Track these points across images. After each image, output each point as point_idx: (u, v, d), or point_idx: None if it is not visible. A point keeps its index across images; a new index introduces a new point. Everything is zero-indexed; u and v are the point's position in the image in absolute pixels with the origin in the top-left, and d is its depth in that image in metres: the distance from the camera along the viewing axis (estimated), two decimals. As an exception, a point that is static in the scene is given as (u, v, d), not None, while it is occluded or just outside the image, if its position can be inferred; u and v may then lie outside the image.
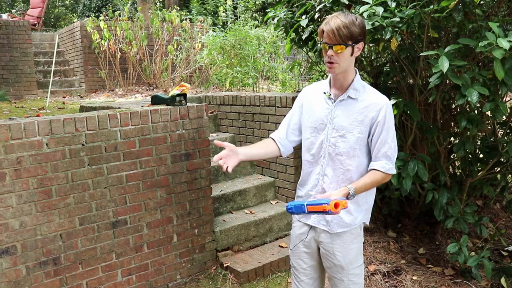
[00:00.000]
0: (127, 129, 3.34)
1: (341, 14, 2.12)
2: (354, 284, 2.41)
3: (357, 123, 2.21)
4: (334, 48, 2.10)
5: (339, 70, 2.18)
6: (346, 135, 2.23)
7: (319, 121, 2.30)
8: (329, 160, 2.28)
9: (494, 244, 4.18)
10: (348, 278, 2.39)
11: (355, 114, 2.22)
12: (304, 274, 2.51)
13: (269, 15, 4.29)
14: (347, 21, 2.07)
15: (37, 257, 3.03)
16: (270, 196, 4.72)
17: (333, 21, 2.09)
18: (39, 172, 2.98)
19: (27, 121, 2.93)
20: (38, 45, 9.75)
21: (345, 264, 2.36)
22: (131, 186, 3.40)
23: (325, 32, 2.12)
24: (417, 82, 3.65)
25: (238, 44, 7.40)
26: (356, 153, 2.24)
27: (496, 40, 2.63)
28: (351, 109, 2.23)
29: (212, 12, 14.97)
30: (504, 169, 3.95)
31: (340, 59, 2.13)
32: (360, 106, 2.22)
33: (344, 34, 2.07)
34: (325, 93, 2.30)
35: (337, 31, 2.07)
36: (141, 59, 8.88)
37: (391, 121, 2.23)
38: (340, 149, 2.24)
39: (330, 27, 2.09)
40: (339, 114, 2.25)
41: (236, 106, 5.09)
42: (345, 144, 2.23)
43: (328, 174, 2.30)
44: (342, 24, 2.07)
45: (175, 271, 3.72)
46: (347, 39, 2.08)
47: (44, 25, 16.29)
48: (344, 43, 2.08)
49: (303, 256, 2.48)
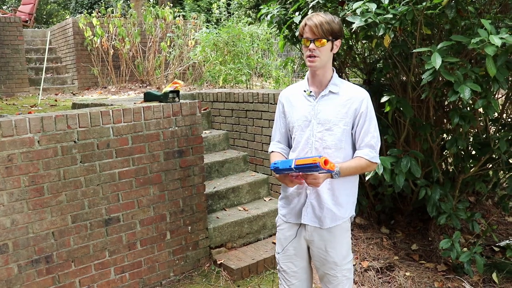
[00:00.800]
0: (119, 126, 3.32)
1: (321, 13, 2.25)
2: (347, 279, 2.43)
3: (341, 115, 2.28)
4: (316, 42, 2.20)
5: (320, 65, 2.25)
6: (333, 128, 2.28)
7: (303, 119, 2.35)
8: (316, 155, 2.29)
9: (486, 240, 4.20)
10: (342, 274, 2.40)
11: (339, 107, 2.29)
12: (294, 277, 2.50)
13: (263, 12, 4.28)
14: (328, 18, 2.20)
15: (29, 255, 3.01)
16: (264, 193, 4.72)
17: (315, 17, 2.21)
18: (30, 170, 2.96)
19: (18, 118, 2.90)
20: (30, 42, 9.67)
21: (339, 260, 2.37)
22: (123, 184, 3.38)
23: (307, 27, 2.21)
24: (410, 78, 3.66)
25: (231, 41, 7.38)
26: (343, 145, 2.30)
27: (488, 37, 2.63)
28: (334, 102, 2.30)
29: (206, 9, 14.93)
30: (496, 165, 3.97)
31: (321, 53, 2.22)
32: (343, 99, 2.29)
33: (326, 28, 2.18)
34: (305, 91, 2.37)
35: (320, 26, 2.17)
36: (134, 56, 8.83)
37: (373, 111, 2.32)
38: (328, 143, 2.29)
39: (313, 22, 2.19)
40: (323, 109, 2.31)
41: (229, 103, 5.08)
42: (332, 137, 2.29)
43: None
44: (324, 20, 2.18)
45: (169, 269, 3.72)
46: (329, 33, 2.19)
47: (36, 21, 16.17)
48: (325, 37, 2.19)
49: (293, 259, 2.47)
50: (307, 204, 2.36)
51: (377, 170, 3.35)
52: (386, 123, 3.87)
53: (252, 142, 4.85)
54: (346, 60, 4.45)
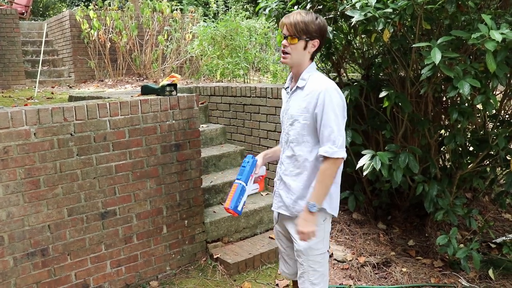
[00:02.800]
0: (116, 119, 3.30)
1: (303, 12, 2.29)
2: (314, 271, 2.46)
3: (301, 110, 2.32)
4: (288, 39, 2.27)
5: (291, 62, 2.33)
6: (294, 123, 2.36)
7: (282, 113, 2.50)
8: (285, 148, 2.44)
9: (483, 236, 4.21)
10: (308, 264, 2.45)
11: (300, 102, 2.33)
12: (285, 254, 2.68)
13: (261, 6, 4.26)
14: (307, 18, 2.24)
15: (24, 248, 2.99)
16: (261, 188, 4.70)
17: (294, 15, 2.27)
18: (26, 162, 2.93)
19: (14, 110, 2.88)
20: (26, 34, 9.60)
21: (304, 249, 2.43)
22: (120, 177, 3.36)
23: (282, 24, 2.30)
24: (409, 74, 3.65)
25: (229, 35, 7.35)
26: (305, 139, 2.33)
27: (489, 32, 2.62)
28: (298, 98, 2.36)
29: (203, 3, 14.87)
30: (494, 162, 3.97)
31: (293, 51, 2.29)
32: (304, 94, 2.33)
33: (300, 28, 2.23)
34: (285, 88, 2.51)
35: (294, 24, 2.24)
36: (131, 49, 8.78)
37: (331, 105, 2.22)
38: (291, 137, 2.39)
39: (289, 20, 2.26)
40: (292, 105, 2.39)
41: (227, 97, 5.05)
42: (294, 131, 2.36)
43: (284, 162, 2.46)
44: (300, 19, 2.24)
45: (165, 263, 3.70)
46: (302, 33, 2.24)
47: (32, 14, 16.07)
48: (298, 35, 2.24)
49: (280, 237, 2.66)
50: (276, 193, 2.53)
51: (375, 166, 3.34)
52: (384, 118, 3.87)
53: (250, 136, 4.84)
54: (345, 55, 4.43)
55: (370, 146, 4.20)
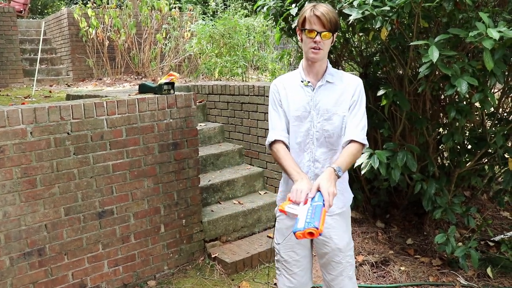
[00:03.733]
0: (113, 118, 3.29)
1: (323, 4, 2.19)
2: (351, 265, 2.46)
3: (340, 103, 2.28)
4: (322, 35, 2.14)
5: (322, 57, 2.24)
6: (332, 117, 2.28)
7: (302, 109, 2.31)
8: (318, 146, 2.32)
9: (481, 234, 4.20)
10: (346, 260, 2.43)
11: (337, 96, 2.29)
12: (296, 266, 2.47)
13: (259, 4, 4.24)
14: (332, 10, 2.16)
15: (21, 248, 2.98)
16: (259, 187, 4.70)
17: (322, 8, 2.14)
18: (23, 161, 2.92)
19: (10, 109, 2.86)
20: (24, 33, 9.58)
21: (343, 246, 2.39)
22: (117, 176, 3.35)
23: (314, 18, 2.14)
24: (407, 72, 3.63)
25: (227, 33, 7.34)
26: (343, 132, 2.30)
27: (486, 30, 2.61)
28: (331, 92, 2.30)
29: (202, 1, 14.83)
30: (492, 160, 3.96)
31: (325, 46, 2.20)
32: (340, 88, 2.30)
33: (333, 21, 2.14)
34: (303, 81, 2.33)
35: (329, 18, 2.13)
36: (130, 47, 8.76)
37: (364, 98, 2.33)
38: (330, 132, 2.29)
39: (321, 13, 2.12)
40: (322, 99, 2.29)
41: (225, 96, 5.04)
42: (332, 125, 2.28)
43: (319, 159, 2.32)
44: (330, 11, 2.14)
45: (163, 262, 3.70)
46: (335, 26, 2.16)
47: (30, 12, 16.03)
48: (332, 30, 2.16)
49: (295, 248, 2.44)
50: None
51: (373, 164, 3.33)
52: (382, 116, 3.85)
53: (248, 135, 4.83)
54: (343, 53, 4.42)
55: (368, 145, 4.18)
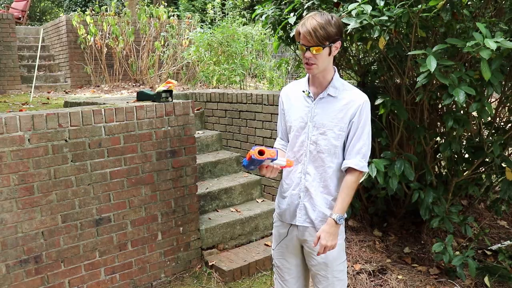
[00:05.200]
0: (111, 125, 3.29)
1: (316, 14, 2.11)
2: (338, 280, 2.41)
3: (337, 120, 2.22)
4: (311, 49, 2.10)
5: (318, 71, 2.18)
6: (327, 133, 2.23)
7: (300, 120, 2.30)
8: (311, 159, 2.29)
9: (478, 243, 4.20)
10: (333, 275, 2.38)
11: (335, 112, 2.22)
12: (288, 273, 2.50)
13: (257, 12, 4.26)
14: (323, 21, 2.07)
15: (17, 255, 2.97)
16: (256, 194, 4.69)
17: (309, 22, 2.08)
18: (20, 168, 2.91)
19: (8, 116, 2.86)
20: (23, 39, 9.59)
21: (329, 261, 2.35)
22: (115, 183, 3.35)
23: (301, 34, 2.11)
24: (405, 81, 3.65)
25: (225, 41, 7.36)
26: (337, 150, 2.25)
27: (483, 41, 2.62)
28: (331, 106, 2.23)
29: (200, 9, 14.89)
30: (489, 169, 3.97)
31: (318, 60, 2.13)
32: (340, 104, 2.22)
33: (320, 35, 2.06)
34: (304, 92, 2.30)
35: (314, 33, 2.06)
36: (128, 55, 8.78)
37: (368, 119, 2.24)
38: (322, 147, 2.25)
39: (307, 29, 2.08)
40: (319, 112, 2.25)
41: (223, 104, 5.05)
42: (326, 141, 2.24)
43: (310, 172, 2.30)
44: (318, 25, 2.06)
45: (160, 270, 3.68)
46: (324, 39, 2.08)
47: (29, 19, 16.06)
48: (321, 44, 2.08)
49: (286, 256, 2.47)
50: (301, 206, 2.34)
51: (371, 173, 3.34)
52: (380, 125, 3.86)
53: (246, 143, 4.83)
54: (341, 62, 4.44)
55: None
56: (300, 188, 2.33)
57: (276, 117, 4.34)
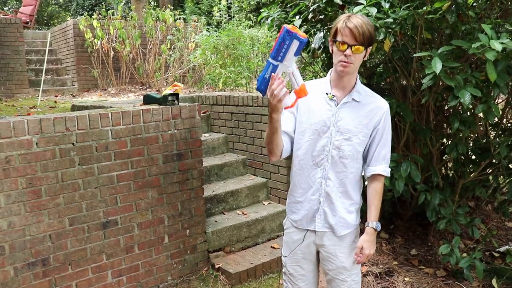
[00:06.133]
0: (118, 129, 3.31)
1: (358, 15, 2.05)
2: (356, 283, 2.40)
3: (362, 126, 2.19)
4: (353, 48, 2.01)
5: (352, 71, 2.11)
6: (352, 138, 2.18)
7: (321, 123, 2.19)
8: (332, 164, 2.22)
9: (486, 245, 4.18)
10: (352, 278, 2.37)
11: (361, 118, 2.18)
12: (302, 280, 2.44)
13: (263, 15, 4.27)
14: (368, 22, 2.02)
15: (25, 258, 2.99)
16: (263, 197, 4.70)
17: (356, 20, 2.00)
18: (28, 172, 2.94)
19: (16, 120, 2.89)
20: (30, 43, 9.67)
21: (348, 264, 2.34)
22: (122, 186, 3.37)
23: (346, 30, 2.00)
24: (410, 83, 3.65)
25: (231, 44, 7.38)
26: (359, 156, 2.23)
27: (489, 42, 2.62)
28: (356, 112, 2.18)
29: (206, 12, 14.94)
30: (496, 170, 3.95)
31: (356, 60, 2.06)
32: (366, 109, 2.19)
33: (366, 34, 2.00)
34: (328, 94, 2.20)
35: (362, 32, 1.99)
36: (134, 58, 8.83)
37: (390, 125, 2.26)
38: (345, 152, 2.19)
39: (354, 25, 1.98)
40: (344, 117, 2.18)
41: (229, 106, 5.07)
42: (350, 147, 2.19)
43: (331, 177, 2.24)
44: (365, 24, 2.00)
45: (166, 272, 3.69)
46: (368, 40, 2.02)
47: (37, 23, 16.19)
48: (364, 43, 2.02)
49: (301, 262, 2.41)
50: (320, 211, 2.28)
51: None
52: (386, 127, 3.85)
53: (252, 145, 4.84)
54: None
55: None
56: (320, 193, 2.26)
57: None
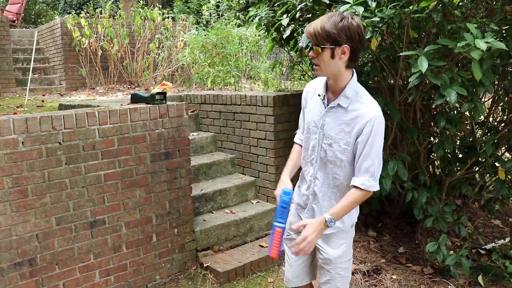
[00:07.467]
0: (105, 128, 3.29)
1: (327, 15, 2.03)
2: (341, 277, 2.40)
3: (343, 134, 2.13)
4: (313, 49, 2.05)
5: (322, 74, 2.12)
6: (333, 145, 2.16)
7: (313, 124, 2.24)
8: (321, 164, 2.25)
9: (473, 242, 4.22)
10: (336, 271, 2.38)
11: (343, 125, 2.12)
12: (294, 259, 2.51)
13: (251, 14, 4.28)
14: (328, 23, 1.98)
15: (11, 258, 2.97)
16: (251, 196, 4.70)
17: (315, 22, 2.02)
18: (14, 171, 2.91)
19: (2, 119, 2.86)
20: (17, 42, 9.57)
21: (334, 258, 2.35)
22: (109, 186, 3.35)
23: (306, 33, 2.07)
24: (397, 82, 3.67)
25: (220, 43, 7.37)
26: (343, 164, 2.17)
27: (474, 41, 2.64)
28: (339, 118, 2.14)
29: (195, 11, 14.91)
30: (483, 168, 3.99)
31: (320, 62, 2.06)
32: (349, 117, 2.11)
33: (320, 35, 1.99)
34: (319, 96, 2.21)
35: (313, 32, 2.01)
36: (123, 57, 8.78)
37: (378, 136, 2.09)
38: (328, 157, 2.20)
39: (309, 29, 2.03)
40: (328, 122, 2.17)
41: (217, 105, 5.06)
42: (332, 153, 2.17)
43: (319, 177, 2.27)
44: (320, 25, 1.99)
45: (155, 271, 3.68)
46: (324, 40, 1.99)
47: (24, 21, 16.03)
48: (320, 44, 2.01)
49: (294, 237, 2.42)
50: (309, 207, 2.35)
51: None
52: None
53: (240, 144, 4.84)
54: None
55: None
56: (310, 191, 2.33)
57: (270, 119, 4.36)
